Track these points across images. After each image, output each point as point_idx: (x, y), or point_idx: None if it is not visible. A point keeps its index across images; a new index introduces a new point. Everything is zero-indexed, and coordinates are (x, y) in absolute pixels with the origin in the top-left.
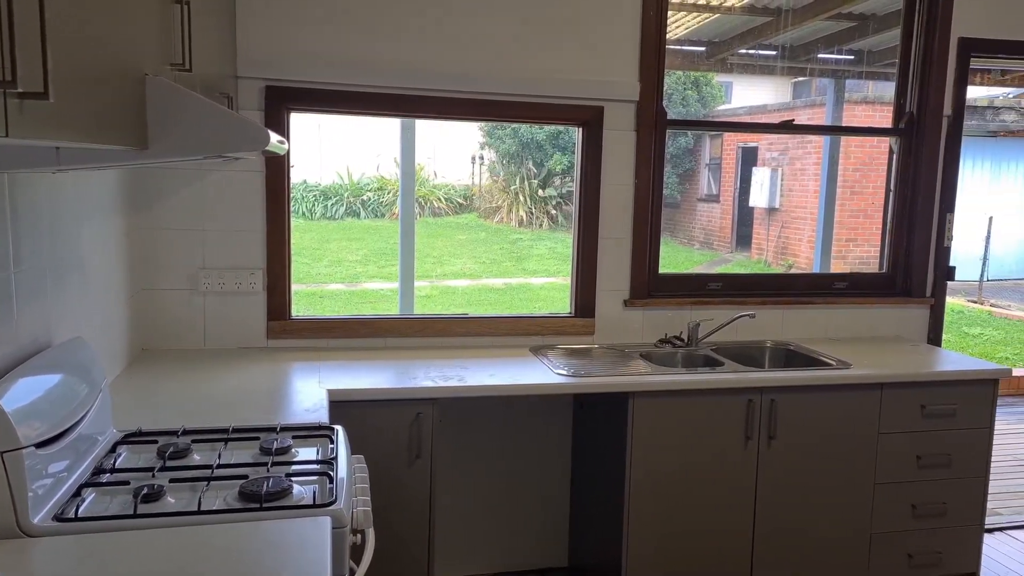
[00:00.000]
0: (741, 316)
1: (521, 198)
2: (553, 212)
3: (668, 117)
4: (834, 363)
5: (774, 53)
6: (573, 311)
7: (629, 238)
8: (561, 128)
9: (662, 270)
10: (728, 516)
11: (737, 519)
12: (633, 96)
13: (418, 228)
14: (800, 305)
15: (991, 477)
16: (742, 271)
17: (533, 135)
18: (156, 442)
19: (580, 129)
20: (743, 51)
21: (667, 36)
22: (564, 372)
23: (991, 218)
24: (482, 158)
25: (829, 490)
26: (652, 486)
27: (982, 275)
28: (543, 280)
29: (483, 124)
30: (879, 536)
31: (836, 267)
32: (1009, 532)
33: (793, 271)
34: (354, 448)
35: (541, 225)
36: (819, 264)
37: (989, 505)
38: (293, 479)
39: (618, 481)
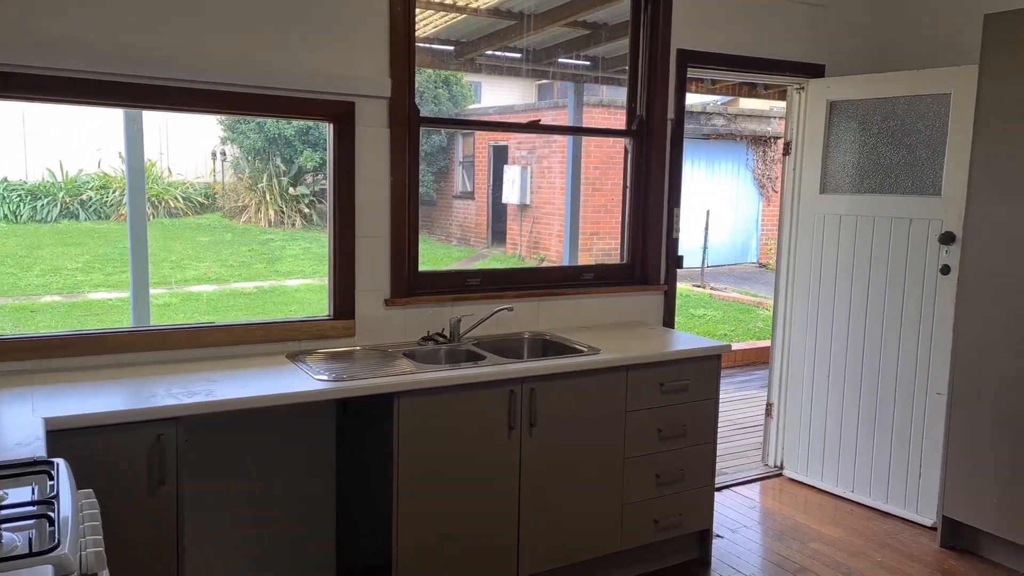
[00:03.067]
0: (500, 310)
1: (269, 197)
2: (306, 211)
3: (421, 115)
4: (586, 350)
5: (519, 56)
6: (332, 313)
7: (387, 236)
8: (311, 124)
9: (422, 268)
10: (495, 505)
11: (503, 506)
12: (385, 92)
13: (152, 230)
14: (553, 296)
15: (718, 441)
16: (499, 266)
17: (281, 130)
18: None
19: (331, 125)
20: (490, 52)
21: (417, 34)
22: (325, 377)
23: (708, 211)
24: (224, 154)
25: (585, 468)
26: (421, 485)
27: (703, 262)
28: (299, 282)
29: (223, 117)
30: (630, 506)
31: (583, 259)
32: (734, 488)
33: (545, 264)
34: (82, 482)
35: (294, 224)
36: (568, 257)
37: (717, 466)
38: (2, 526)
39: (386, 483)
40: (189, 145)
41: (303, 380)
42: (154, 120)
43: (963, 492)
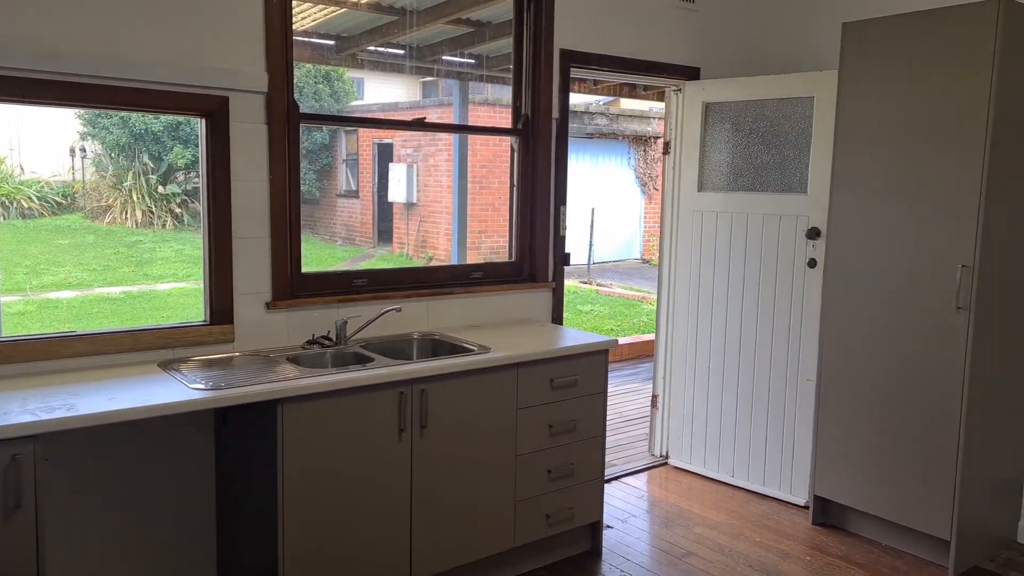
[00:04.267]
0: (388, 311)
1: (136, 196)
2: (178, 211)
3: (301, 111)
4: (476, 348)
5: (402, 52)
6: (208, 318)
7: (267, 237)
8: (182, 119)
9: (305, 268)
10: (386, 509)
11: (395, 510)
12: (261, 87)
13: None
14: (442, 296)
15: (607, 434)
16: (386, 266)
17: (148, 125)
18: None
19: (203, 120)
20: (372, 48)
21: (295, 27)
22: (201, 386)
23: (593, 209)
24: (84, 150)
25: (478, 467)
26: (308, 493)
27: (589, 259)
28: (171, 286)
29: (82, 111)
30: (522, 503)
31: (472, 257)
32: (623, 479)
33: (433, 263)
34: None
35: (165, 225)
36: (456, 256)
37: (606, 459)
38: None
39: (270, 494)
40: (45, 141)
41: (177, 390)
42: (3, 114)
43: (832, 472)
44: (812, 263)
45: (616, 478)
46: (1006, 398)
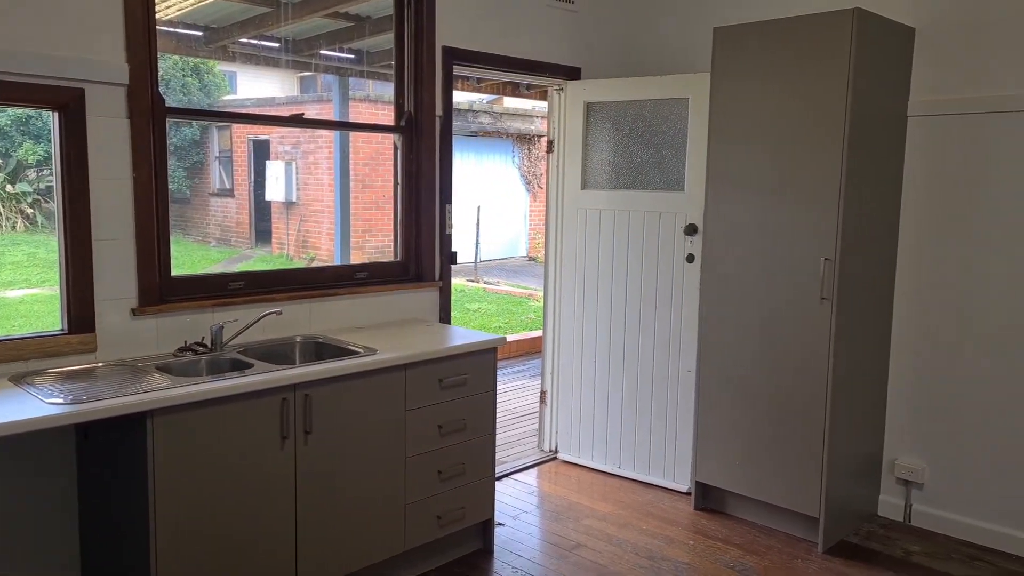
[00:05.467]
0: (268, 314)
1: None
2: (30, 211)
3: (167, 105)
4: (362, 351)
5: (277, 45)
6: (67, 327)
7: (132, 238)
8: (32, 112)
9: (176, 272)
10: (270, 519)
11: (280, 520)
12: (122, 79)
13: None
14: (326, 297)
15: (496, 432)
16: (265, 267)
17: None
18: None
19: (56, 114)
20: (245, 40)
21: (158, 16)
22: (59, 400)
23: (479, 207)
24: None
25: (366, 472)
26: (183, 509)
27: (476, 257)
28: (23, 292)
29: None
30: (413, 505)
31: (356, 257)
32: (513, 476)
33: (316, 264)
34: None
35: (15, 227)
36: (340, 256)
37: (497, 456)
38: None
39: (141, 512)
40: None
41: (32, 405)
42: None
43: (711, 459)
44: (690, 258)
45: (507, 475)
46: (865, 381)
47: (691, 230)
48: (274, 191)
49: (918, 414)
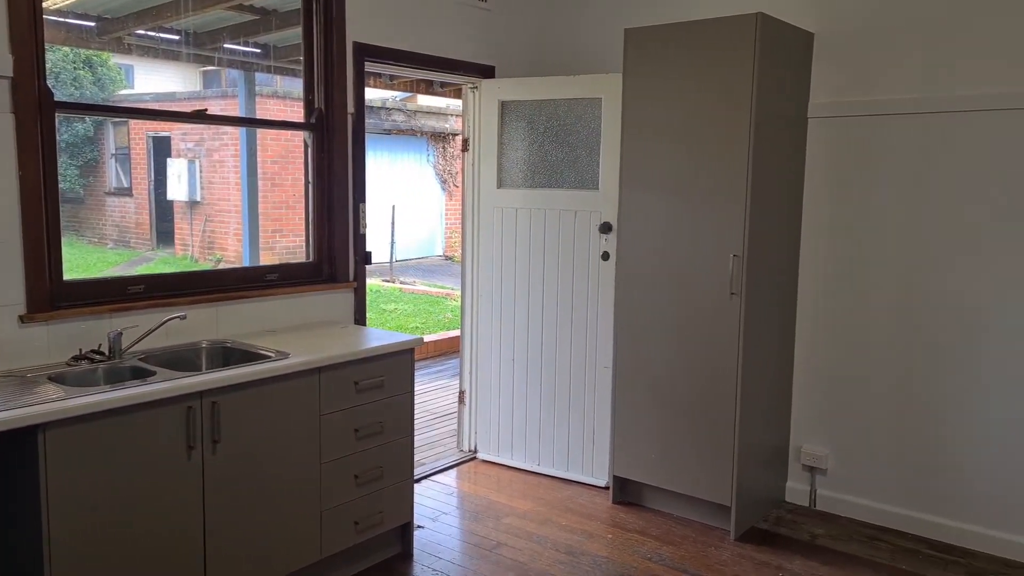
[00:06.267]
0: (171, 319)
1: None
2: None
3: (56, 99)
4: (273, 355)
5: (177, 38)
6: None
7: (18, 241)
8: None
9: (68, 276)
10: (177, 533)
11: (187, 534)
12: (4, 71)
13: None
14: (234, 300)
15: (415, 433)
16: (168, 270)
17: None
18: None
19: None
20: (142, 32)
21: (45, 4)
22: None
23: (394, 206)
24: None
25: (279, 480)
26: (81, 528)
27: (391, 257)
28: None
29: None
30: (329, 512)
31: (265, 259)
32: (432, 477)
33: (223, 266)
34: None
35: None
36: (248, 257)
37: (416, 458)
38: None
39: (34, 537)
40: None
41: None
42: None
43: (628, 453)
44: (605, 256)
45: (426, 477)
46: (772, 373)
47: (606, 228)
48: (176, 190)
49: (821, 403)
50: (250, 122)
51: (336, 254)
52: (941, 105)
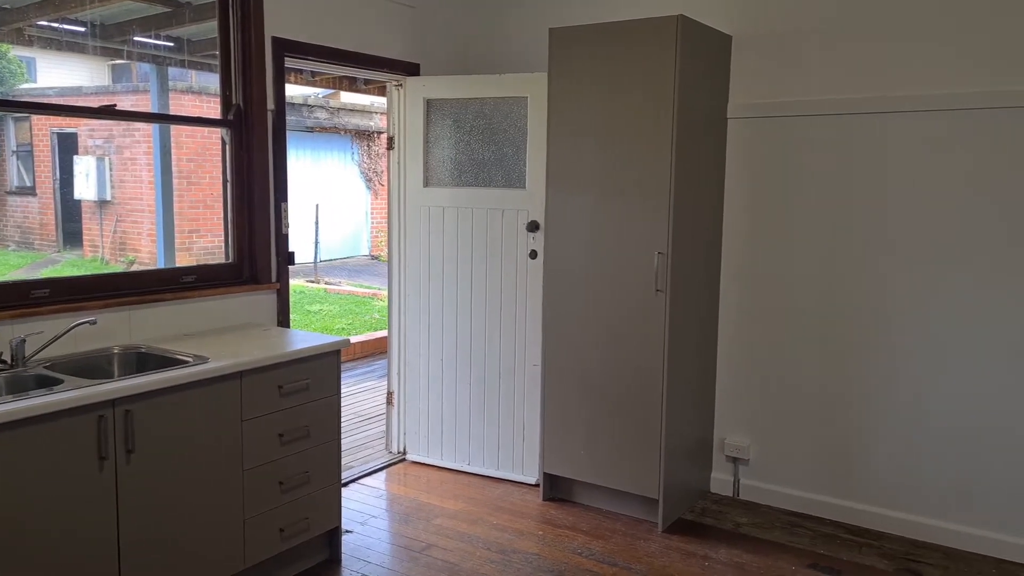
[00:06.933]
0: (79, 324)
1: None
2: None
3: None
4: (191, 359)
5: (83, 30)
6: None
7: None
8: None
9: None
10: (90, 551)
11: (100, 550)
12: None
13: None
14: (148, 304)
15: (342, 436)
16: (76, 272)
17: None
18: None
19: None
20: (44, 23)
21: None
22: None
23: (317, 205)
24: None
25: (199, 489)
26: None
27: (316, 257)
28: None
29: None
30: (253, 520)
31: (182, 260)
32: (360, 481)
33: (136, 268)
34: None
35: None
36: (164, 259)
37: (343, 461)
38: None
39: None
40: None
41: None
42: None
43: (558, 449)
44: (533, 254)
45: (354, 480)
46: (697, 367)
47: (533, 227)
48: (84, 189)
49: (743, 396)
50: (163, 118)
51: (257, 254)
52: (854, 107)
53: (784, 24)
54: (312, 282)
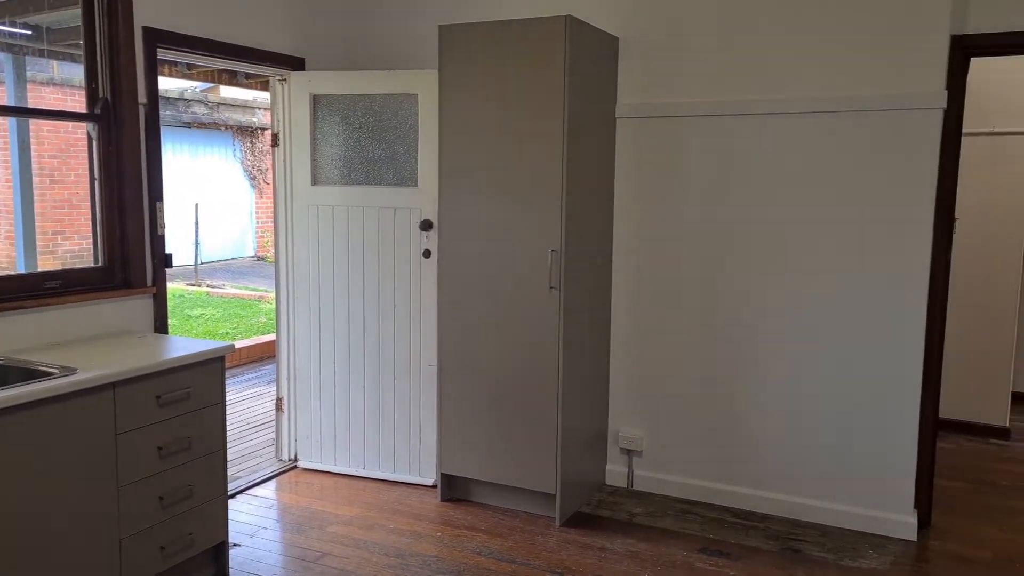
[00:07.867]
0: None
1: None
2: None
3: None
4: (57, 371)
5: None
6: None
7: None
8: None
9: None
10: None
11: None
12: None
13: None
14: (7, 312)
15: (229, 445)
16: None
17: None
18: None
19: None
20: None
21: None
22: None
23: (197, 205)
24: None
25: (68, 510)
26: None
27: (196, 259)
28: None
29: None
30: (130, 539)
31: (45, 264)
32: (249, 491)
33: None
34: None
35: None
36: (24, 263)
37: (230, 472)
38: None
39: None
40: None
41: None
42: None
43: (455, 449)
44: (427, 253)
45: (242, 491)
46: (591, 363)
47: (426, 225)
48: None
49: (636, 389)
50: (20, 111)
51: (130, 257)
52: (735, 108)
53: (669, 26)
54: (193, 285)
